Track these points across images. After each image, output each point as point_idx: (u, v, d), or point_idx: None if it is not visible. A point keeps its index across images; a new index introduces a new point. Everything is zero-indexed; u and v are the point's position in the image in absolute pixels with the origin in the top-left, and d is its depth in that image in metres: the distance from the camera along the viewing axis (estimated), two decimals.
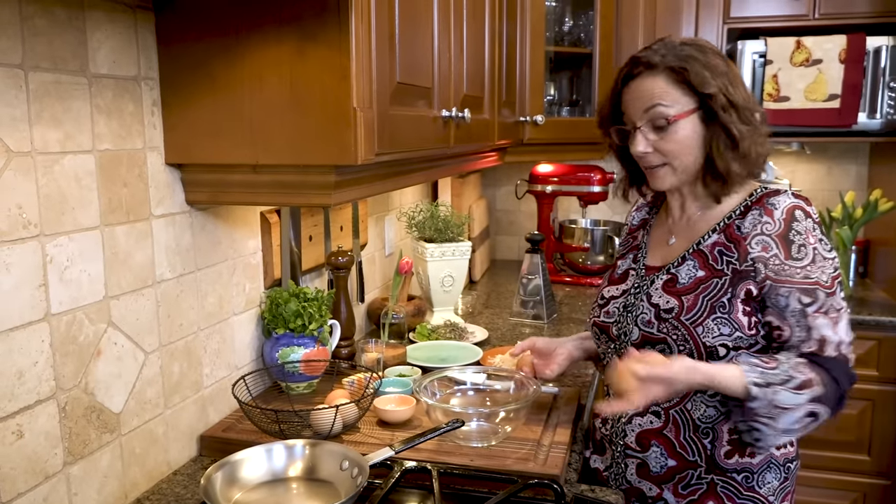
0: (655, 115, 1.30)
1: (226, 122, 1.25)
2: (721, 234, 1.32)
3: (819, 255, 1.25)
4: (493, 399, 1.54)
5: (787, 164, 3.20)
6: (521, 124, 2.44)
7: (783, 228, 1.26)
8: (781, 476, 1.33)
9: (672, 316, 1.30)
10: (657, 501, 1.35)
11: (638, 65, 1.32)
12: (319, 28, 1.17)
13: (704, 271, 1.31)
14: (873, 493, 2.63)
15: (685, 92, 1.28)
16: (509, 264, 3.41)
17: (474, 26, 1.80)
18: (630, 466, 1.38)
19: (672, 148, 1.31)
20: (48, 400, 1.09)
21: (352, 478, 1.17)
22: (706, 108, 1.28)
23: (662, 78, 1.29)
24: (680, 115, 1.28)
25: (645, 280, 1.40)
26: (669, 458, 1.33)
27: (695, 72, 1.27)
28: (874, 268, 3.01)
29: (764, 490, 1.31)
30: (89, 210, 1.15)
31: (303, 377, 1.62)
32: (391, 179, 1.47)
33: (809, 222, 1.26)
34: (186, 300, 1.40)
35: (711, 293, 1.28)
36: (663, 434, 1.33)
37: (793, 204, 1.28)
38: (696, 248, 1.34)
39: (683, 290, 1.32)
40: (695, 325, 1.28)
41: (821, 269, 1.24)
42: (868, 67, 2.63)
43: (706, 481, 1.31)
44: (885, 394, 2.57)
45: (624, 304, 1.41)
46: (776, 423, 1.20)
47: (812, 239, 1.25)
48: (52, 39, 1.06)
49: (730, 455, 1.30)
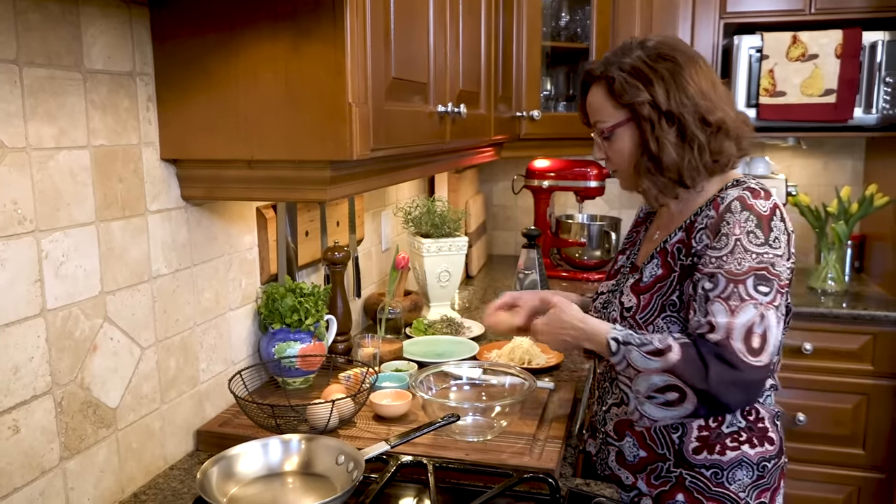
0: (599, 127, 1.38)
1: (221, 118, 1.25)
2: (684, 232, 1.33)
3: (740, 247, 1.22)
4: (489, 394, 1.55)
5: (783, 159, 3.20)
6: (517, 119, 2.44)
7: (717, 219, 1.26)
8: (754, 474, 1.31)
9: (629, 315, 1.34)
10: (632, 490, 1.37)
11: (588, 74, 1.40)
12: (314, 24, 1.17)
13: (663, 269, 1.33)
14: (868, 486, 2.64)
15: (615, 103, 1.33)
16: (506, 259, 3.42)
17: (470, 21, 1.80)
18: (611, 454, 1.41)
19: (613, 156, 1.38)
20: (44, 395, 1.09)
21: (347, 472, 1.18)
22: (636, 118, 1.31)
23: (600, 89, 1.36)
24: (613, 126, 1.34)
25: (625, 278, 1.43)
26: (640, 448, 1.35)
27: (620, 83, 1.30)
28: (870, 263, 3.02)
29: (734, 487, 1.30)
30: (84, 205, 1.15)
31: (299, 372, 1.62)
32: (387, 175, 1.48)
33: (745, 214, 1.23)
34: (182, 295, 1.40)
35: (664, 292, 1.31)
36: (635, 426, 1.35)
37: (737, 196, 1.26)
38: (663, 245, 1.36)
39: (643, 289, 1.34)
40: (647, 325, 1.31)
41: (737, 260, 1.21)
42: (864, 62, 2.63)
43: (675, 475, 1.33)
44: (880, 388, 2.57)
45: (605, 300, 1.46)
46: (636, 385, 1.29)
47: (738, 230, 1.23)
48: (47, 35, 1.06)
49: (698, 451, 1.30)
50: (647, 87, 1.28)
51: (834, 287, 2.77)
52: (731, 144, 1.31)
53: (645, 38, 1.35)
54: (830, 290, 2.77)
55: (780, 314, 1.22)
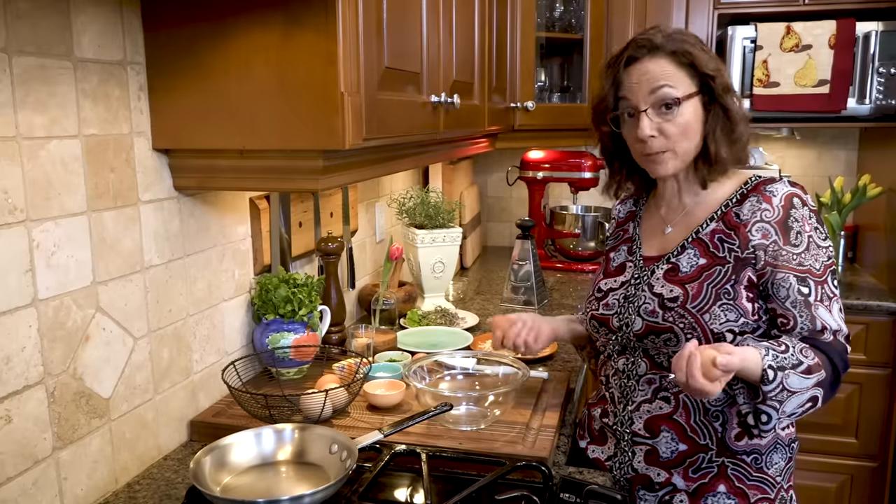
0: (663, 96, 1.29)
1: (213, 107, 1.25)
2: (720, 222, 1.33)
3: (813, 244, 1.27)
4: (483, 383, 1.55)
5: (776, 150, 3.20)
6: (511, 110, 2.43)
7: (782, 215, 1.28)
8: (787, 456, 1.36)
9: (678, 304, 1.30)
10: (665, 487, 1.34)
11: (641, 47, 1.31)
12: (306, 12, 1.16)
13: (706, 259, 1.32)
14: (861, 474, 2.66)
15: (688, 74, 1.30)
16: (500, 251, 3.42)
17: (463, 11, 1.80)
18: (638, 454, 1.36)
19: (676, 131, 1.30)
20: (36, 385, 1.09)
21: (341, 461, 1.18)
22: (708, 91, 1.31)
23: (666, 60, 1.30)
24: (685, 96, 1.29)
25: (644, 271, 1.39)
26: (681, 442, 1.32)
27: (696, 55, 1.30)
28: (863, 253, 3.03)
29: (772, 471, 1.33)
30: (76, 195, 1.15)
31: (293, 363, 1.62)
32: (380, 165, 1.47)
33: (806, 210, 1.28)
34: (175, 286, 1.40)
35: (715, 280, 1.29)
36: (673, 419, 1.32)
37: (790, 192, 1.29)
38: (696, 236, 1.35)
39: (686, 279, 1.32)
40: (701, 313, 1.28)
41: (814, 257, 1.27)
42: (858, 53, 2.64)
43: (717, 464, 1.32)
44: (873, 377, 2.59)
45: (624, 295, 1.40)
46: (784, 406, 1.20)
47: (808, 227, 1.27)
48: (37, 23, 1.06)
49: (739, 437, 1.31)
50: (711, 62, 1.31)
51: None
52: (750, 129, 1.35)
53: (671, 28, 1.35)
54: None
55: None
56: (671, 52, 1.30)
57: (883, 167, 2.79)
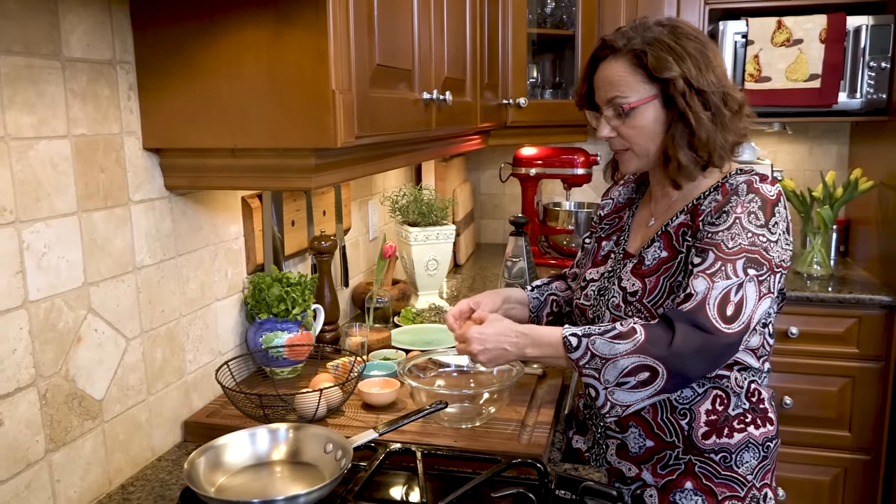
0: (615, 104, 1.30)
1: (203, 106, 1.24)
2: (688, 215, 1.33)
3: (738, 225, 1.21)
4: (477, 381, 1.55)
5: (768, 145, 3.21)
6: (504, 107, 2.43)
7: (723, 200, 1.26)
8: (760, 455, 1.34)
9: (636, 299, 1.32)
10: (636, 482, 1.36)
11: (604, 48, 1.32)
12: (296, 10, 1.16)
13: (668, 252, 1.32)
14: (854, 467, 2.67)
15: (644, 78, 1.27)
16: (494, 248, 3.42)
17: (455, 8, 1.79)
18: (610, 447, 1.39)
19: (631, 133, 1.31)
20: (28, 387, 1.08)
21: (336, 460, 1.17)
22: (665, 95, 1.27)
23: (623, 63, 1.29)
24: (638, 102, 1.28)
25: (619, 263, 1.41)
26: (647, 438, 1.34)
27: (654, 56, 1.25)
28: (854, 247, 3.04)
29: (742, 469, 1.32)
30: (66, 196, 1.14)
31: (287, 362, 1.62)
32: (373, 163, 1.47)
33: (750, 195, 1.24)
34: (168, 286, 1.39)
35: (671, 274, 1.30)
36: (641, 415, 1.33)
37: (745, 179, 1.27)
38: (665, 229, 1.35)
39: (647, 273, 1.33)
40: (656, 307, 1.29)
41: (731, 236, 1.21)
42: (848, 47, 2.64)
43: (684, 461, 1.32)
44: (866, 370, 2.60)
45: (599, 287, 1.42)
46: (604, 374, 1.18)
47: (740, 209, 1.23)
48: (24, 23, 1.05)
49: (707, 436, 1.31)
50: (678, 62, 1.25)
51: (819, 271, 2.79)
52: (745, 126, 1.31)
53: (656, 18, 1.33)
54: (816, 274, 2.79)
55: (766, 293, 1.20)
56: (631, 52, 1.27)
57: (874, 161, 2.80)
